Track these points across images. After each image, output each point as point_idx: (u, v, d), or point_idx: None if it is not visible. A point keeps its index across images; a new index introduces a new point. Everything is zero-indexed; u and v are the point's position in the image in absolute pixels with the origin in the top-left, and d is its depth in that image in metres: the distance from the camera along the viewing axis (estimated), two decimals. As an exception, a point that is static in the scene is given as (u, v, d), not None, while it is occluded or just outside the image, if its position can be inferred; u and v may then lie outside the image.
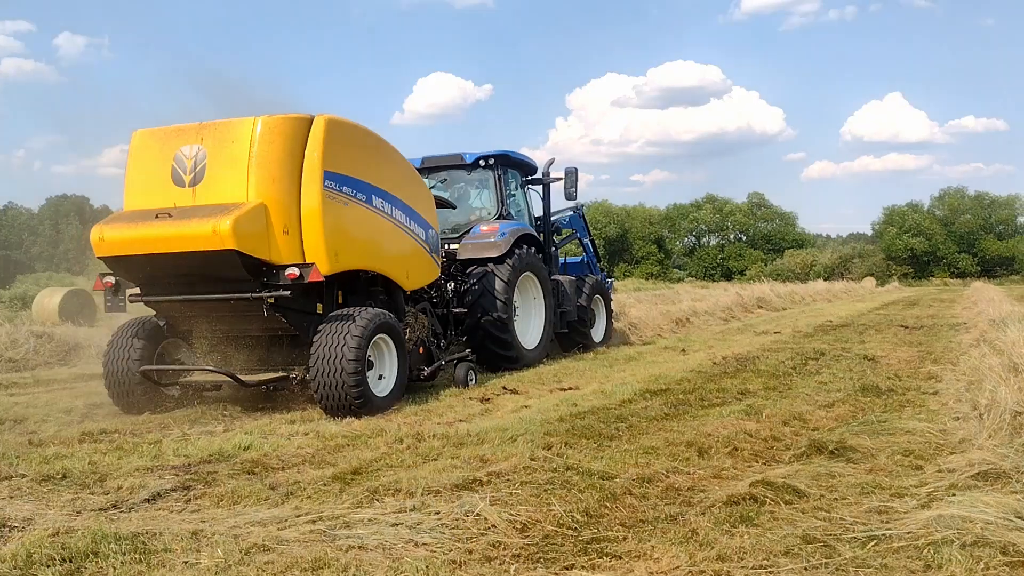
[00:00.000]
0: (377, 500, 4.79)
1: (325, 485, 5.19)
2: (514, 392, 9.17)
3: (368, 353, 7.86)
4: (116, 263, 8.00)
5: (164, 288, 8.04)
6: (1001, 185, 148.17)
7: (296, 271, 7.57)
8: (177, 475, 5.67)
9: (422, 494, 4.83)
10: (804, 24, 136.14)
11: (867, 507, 4.48)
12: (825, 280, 55.82)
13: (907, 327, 17.65)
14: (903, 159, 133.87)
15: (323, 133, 7.82)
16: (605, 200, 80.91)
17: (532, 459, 5.62)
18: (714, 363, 11.27)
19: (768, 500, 4.59)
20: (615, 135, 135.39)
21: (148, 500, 5.08)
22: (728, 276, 74.46)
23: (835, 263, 74.66)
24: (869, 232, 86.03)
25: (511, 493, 4.79)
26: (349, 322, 7.77)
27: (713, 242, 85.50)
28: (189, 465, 6.00)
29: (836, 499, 4.66)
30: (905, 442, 5.96)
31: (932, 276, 72.45)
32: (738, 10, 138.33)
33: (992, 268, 72.38)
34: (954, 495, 4.54)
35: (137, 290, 8.27)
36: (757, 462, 5.64)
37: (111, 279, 8.28)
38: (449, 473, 5.29)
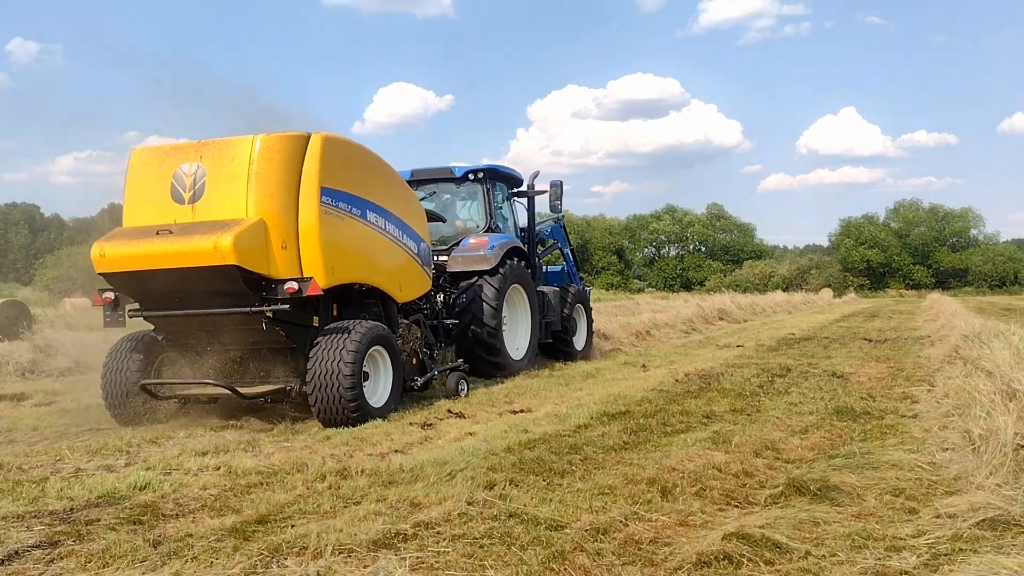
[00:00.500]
0: (276, 562, 3.95)
1: (219, 540, 4.33)
2: (460, 416, 8.35)
3: (364, 365, 7.97)
4: (117, 279, 8.01)
5: (164, 303, 8.07)
6: (952, 198, 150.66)
7: (295, 285, 7.68)
8: (50, 525, 4.78)
9: (332, 554, 4.00)
10: (760, 39, 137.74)
11: (861, 567, 3.76)
12: (784, 291, 55.91)
13: (871, 340, 17.20)
14: (857, 172, 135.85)
15: (320, 150, 7.94)
16: (565, 211, 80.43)
17: (470, 503, 4.83)
18: (676, 381, 10.58)
19: (745, 559, 3.85)
20: (575, 146, 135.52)
21: (1, 562, 4.19)
22: (688, 287, 74.48)
23: (793, 274, 75.11)
24: (825, 244, 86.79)
25: (439, 552, 3.99)
26: (345, 335, 7.90)
27: (672, 252, 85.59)
28: (70, 511, 5.10)
29: (824, 556, 3.93)
30: (893, 479, 5.27)
31: (888, 287, 73.20)
32: (696, 24, 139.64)
33: (946, 280, 73.36)
34: (961, 550, 3.86)
35: (136, 305, 8.32)
36: (729, 505, 4.90)
37: (110, 294, 8.36)
38: (369, 524, 4.47)
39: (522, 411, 8.59)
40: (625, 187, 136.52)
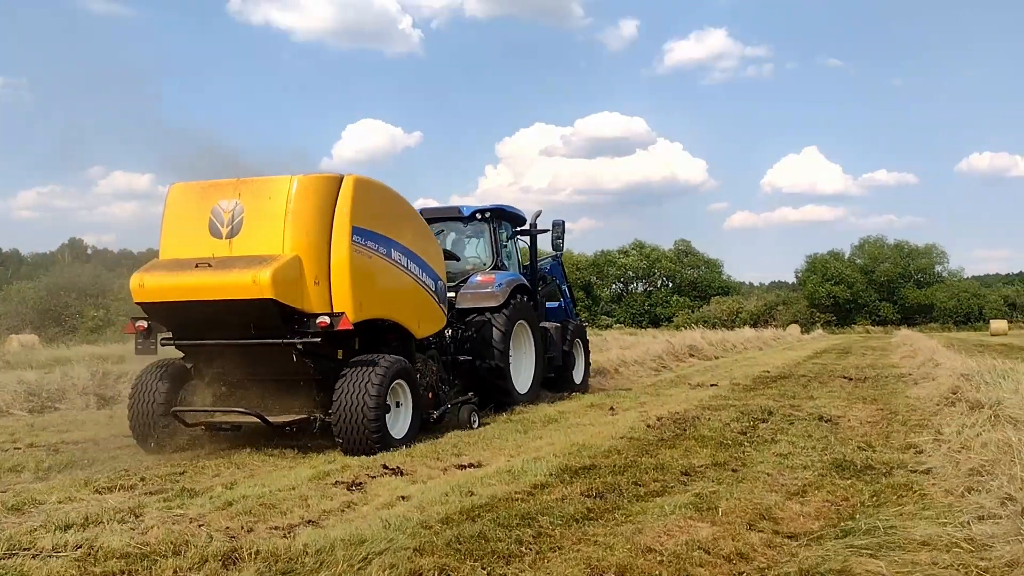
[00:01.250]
0: None
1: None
2: (397, 472, 7.09)
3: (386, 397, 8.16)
4: (154, 309, 8.20)
5: (198, 333, 8.25)
6: (913, 236, 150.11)
7: (327, 319, 7.89)
8: None
9: None
10: (724, 80, 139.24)
11: None
12: (752, 327, 55.32)
13: (851, 379, 16.26)
14: (820, 210, 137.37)
15: (352, 192, 8.24)
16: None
17: (381, 607, 3.62)
18: (648, 426, 9.43)
19: None
20: (543, 183, 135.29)
21: None
22: (656, 323, 73.80)
23: (760, 310, 74.85)
24: (790, 280, 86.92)
25: None
26: (371, 367, 8.13)
27: (640, 288, 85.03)
28: None
29: None
30: (927, 563, 4.14)
31: (854, 324, 73.08)
32: (662, 65, 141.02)
33: (912, 316, 73.47)
34: None
35: (168, 334, 8.50)
36: (723, 605, 3.74)
37: (143, 323, 8.49)
38: (234, 646, 3.24)
39: (471, 465, 7.37)
40: (593, 223, 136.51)
